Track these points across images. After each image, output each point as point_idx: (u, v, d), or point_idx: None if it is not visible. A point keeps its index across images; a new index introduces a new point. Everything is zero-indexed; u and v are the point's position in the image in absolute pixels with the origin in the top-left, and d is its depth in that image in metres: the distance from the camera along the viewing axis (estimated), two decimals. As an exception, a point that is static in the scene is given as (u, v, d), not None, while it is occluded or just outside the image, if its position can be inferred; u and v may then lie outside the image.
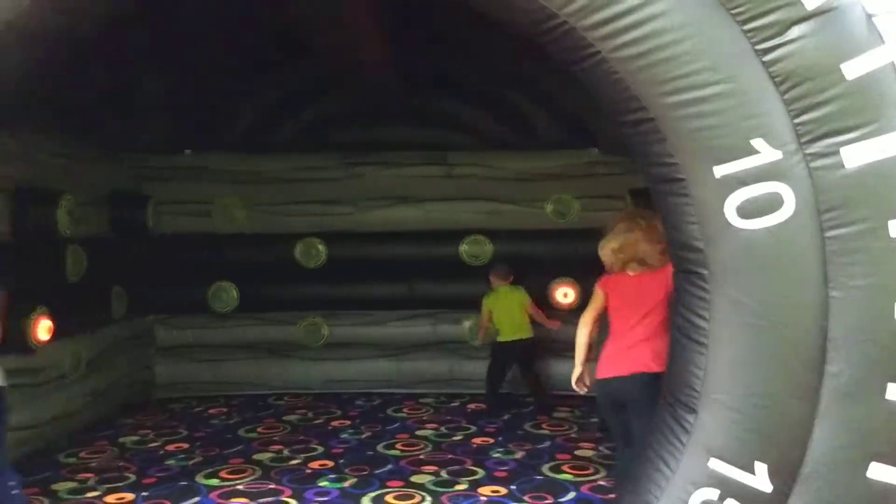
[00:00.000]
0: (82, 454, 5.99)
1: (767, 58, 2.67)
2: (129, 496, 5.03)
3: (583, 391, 4.28)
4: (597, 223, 7.62)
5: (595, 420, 6.30)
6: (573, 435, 6.31)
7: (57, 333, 5.90)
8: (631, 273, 4.08)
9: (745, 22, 2.67)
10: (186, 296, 8.06)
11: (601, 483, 5.16)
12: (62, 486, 5.23)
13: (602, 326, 4.31)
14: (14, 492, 4.17)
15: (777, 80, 2.67)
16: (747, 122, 2.72)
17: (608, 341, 4.16)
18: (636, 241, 4.00)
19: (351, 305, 7.99)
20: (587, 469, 5.47)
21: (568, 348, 7.61)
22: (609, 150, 7.61)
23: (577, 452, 5.86)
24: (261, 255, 8.03)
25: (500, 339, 7.29)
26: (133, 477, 5.43)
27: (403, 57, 6.80)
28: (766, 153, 2.71)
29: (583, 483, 5.18)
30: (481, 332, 7.46)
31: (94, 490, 5.16)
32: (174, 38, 5.92)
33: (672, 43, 2.76)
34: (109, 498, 5.01)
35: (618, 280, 4.13)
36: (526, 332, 7.27)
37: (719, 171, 2.79)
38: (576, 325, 4.28)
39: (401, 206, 8.04)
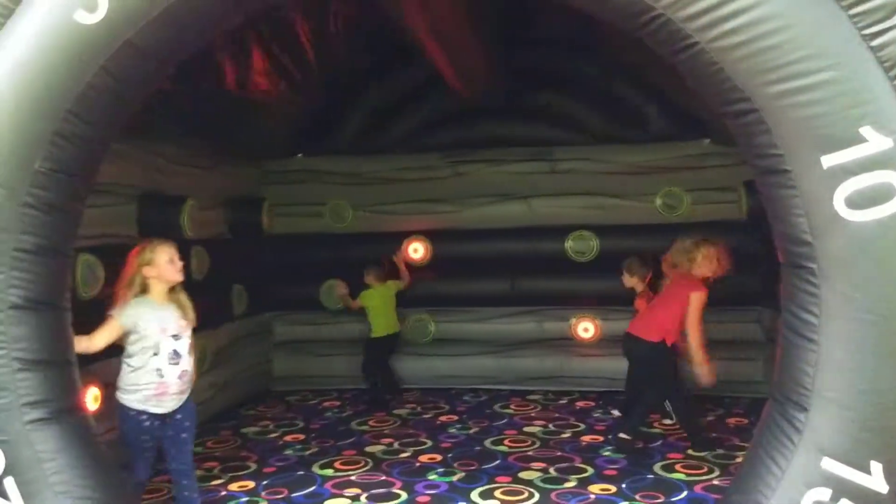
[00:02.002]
0: (208, 443, 6.31)
1: (875, 42, 2.57)
2: (251, 484, 5.28)
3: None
4: (710, 216, 7.51)
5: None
6: (685, 434, 6.17)
7: (185, 330, 6.28)
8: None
9: (850, 6, 2.58)
10: (300, 293, 8.38)
11: (715, 483, 5.04)
12: (190, 474, 5.54)
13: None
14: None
15: (886, 65, 2.56)
16: (855, 110, 2.62)
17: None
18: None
19: (456, 302, 8.07)
20: (700, 469, 5.35)
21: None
22: (722, 141, 7.38)
23: (689, 451, 5.73)
24: (368, 253, 8.23)
25: (374, 335, 7.63)
26: (254, 466, 5.70)
27: (508, 54, 6.81)
28: (875, 141, 2.60)
29: (696, 482, 5.08)
30: (344, 304, 7.90)
31: (219, 478, 5.43)
32: (286, 47, 6.17)
33: (774, 31, 2.69)
34: (232, 486, 5.26)
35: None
36: (396, 327, 7.74)
37: (827, 161, 2.69)
38: None
39: (505, 203, 8.04)
